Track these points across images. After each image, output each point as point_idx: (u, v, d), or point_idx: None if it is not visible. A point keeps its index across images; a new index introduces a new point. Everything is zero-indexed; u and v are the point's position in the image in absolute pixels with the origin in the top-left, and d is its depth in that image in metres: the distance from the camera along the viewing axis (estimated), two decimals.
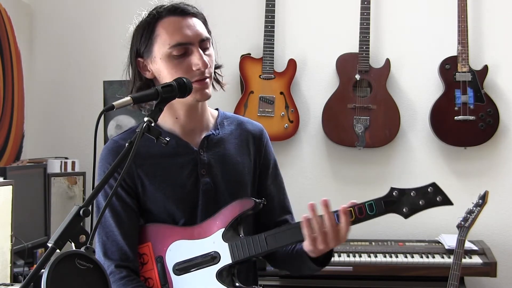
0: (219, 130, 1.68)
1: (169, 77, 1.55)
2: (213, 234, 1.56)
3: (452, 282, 2.76)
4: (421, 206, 1.50)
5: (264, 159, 1.73)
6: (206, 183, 1.61)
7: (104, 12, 3.73)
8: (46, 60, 3.79)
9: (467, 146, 3.48)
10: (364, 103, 3.47)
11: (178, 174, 1.60)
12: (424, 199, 1.50)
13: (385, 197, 1.50)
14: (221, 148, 1.65)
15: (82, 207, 1.17)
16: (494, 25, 3.55)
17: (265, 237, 1.52)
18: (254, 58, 3.55)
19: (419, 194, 1.50)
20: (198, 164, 1.61)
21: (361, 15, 3.47)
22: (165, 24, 1.56)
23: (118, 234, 1.57)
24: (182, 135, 1.63)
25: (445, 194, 1.51)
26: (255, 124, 1.76)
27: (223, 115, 1.74)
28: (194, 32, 1.55)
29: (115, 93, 3.67)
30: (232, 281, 1.55)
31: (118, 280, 1.54)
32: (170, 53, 1.54)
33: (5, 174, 2.81)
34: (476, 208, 2.77)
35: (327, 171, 3.62)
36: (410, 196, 1.50)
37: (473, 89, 3.42)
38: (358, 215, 1.48)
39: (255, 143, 1.71)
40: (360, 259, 3.16)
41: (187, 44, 1.54)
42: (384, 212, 1.49)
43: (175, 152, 1.61)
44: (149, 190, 1.59)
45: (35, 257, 3.05)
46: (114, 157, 1.56)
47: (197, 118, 1.64)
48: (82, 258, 1.11)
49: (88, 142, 3.66)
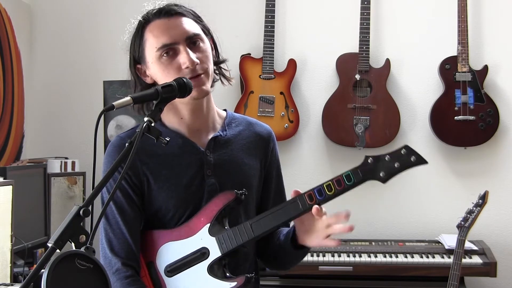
0: (226, 131, 1.67)
1: (163, 79, 1.55)
2: (199, 230, 1.56)
3: (452, 282, 2.76)
4: (397, 168, 1.51)
5: (270, 162, 1.73)
6: (212, 184, 1.60)
7: (104, 12, 3.73)
8: (46, 60, 3.79)
9: (467, 146, 3.48)
10: (364, 103, 3.47)
11: (184, 173, 1.60)
12: (398, 162, 1.52)
13: (361, 166, 1.52)
14: (228, 150, 1.65)
15: (82, 207, 1.16)
16: (494, 25, 3.55)
17: (250, 224, 1.53)
18: (254, 58, 3.55)
19: (394, 158, 1.52)
20: (204, 164, 1.61)
21: (361, 15, 3.47)
22: (151, 27, 1.57)
23: (125, 231, 1.57)
24: (188, 135, 1.63)
25: (418, 154, 1.52)
26: (263, 126, 1.76)
27: (231, 116, 1.73)
28: (179, 31, 1.55)
29: (115, 93, 3.67)
30: (223, 273, 1.55)
31: (124, 278, 1.53)
32: (159, 56, 1.55)
33: (5, 174, 2.81)
34: (476, 208, 2.77)
35: (327, 171, 3.61)
36: (385, 161, 1.52)
37: (473, 89, 3.42)
38: (337, 187, 1.50)
39: (263, 146, 1.71)
40: (360, 259, 3.16)
41: (173, 45, 1.54)
42: (362, 179, 1.51)
43: (182, 151, 1.61)
44: (154, 188, 1.59)
45: (35, 257, 3.05)
46: (120, 153, 1.57)
47: (203, 118, 1.64)
48: (82, 258, 1.11)
49: (88, 142, 3.66)
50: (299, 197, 1.52)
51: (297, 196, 1.52)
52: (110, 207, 1.57)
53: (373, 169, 1.51)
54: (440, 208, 3.48)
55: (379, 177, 1.51)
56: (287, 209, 1.53)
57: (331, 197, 1.51)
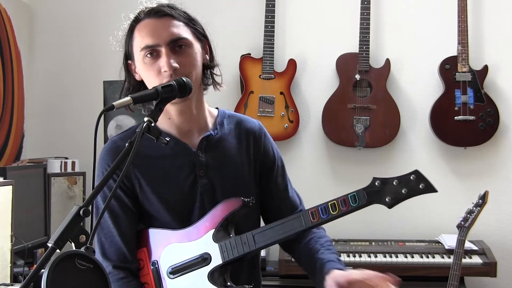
0: (217, 130, 1.66)
1: (146, 79, 1.56)
2: (204, 235, 1.55)
3: (452, 282, 2.76)
4: (404, 194, 1.47)
5: (265, 156, 1.71)
6: (204, 184, 1.60)
7: (104, 12, 3.73)
8: (46, 60, 3.79)
9: (467, 146, 3.48)
10: (364, 103, 3.47)
11: (176, 175, 1.60)
12: (406, 188, 1.47)
13: (368, 188, 1.49)
14: (220, 149, 1.64)
15: (82, 207, 1.16)
16: (494, 25, 3.55)
17: (253, 235, 1.52)
18: (254, 58, 3.55)
19: (402, 183, 1.48)
20: (196, 165, 1.60)
21: (361, 15, 3.47)
22: (140, 27, 1.57)
23: (116, 235, 1.57)
24: (179, 136, 1.62)
25: (428, 181, 1.46)
26: (252, 122, 1.75)
27: (223, 114, 1.72)
28: (164, 34, 1.53)
29: (115, 93, 3.66)
30: (224, 281, 1.55)
31: (115, 281, 1.54)
32: (143, 56, 1.54)
33: (5, 174, 2.81)
34: (476, 208, 2.77)
35: (327, 171, 3.62)
36: (393, 185, 1.48)
37: (473, 89, 3.42)
38: (342, 207, 1.48)
39: (254, 141, 1.70)
40: (360, 259, 3.16)
41: (155, 47, 1.52)
42: (367, 203, 1.48)
43: (173, 153, 1.60)
44: (146, 190, 1.59)
45: (35, 257, 3.05)
46: (113, 157, 1.57)
47: (192, 118, 1.63)
48: (82, 258, 1.11)
49: (88, 142, 3.65)
50: (303, 213, 1.51)
51: (301, 212, 1.51)
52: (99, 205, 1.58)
53: (380, 193, 1.48)
54: (440, 208, 3.48)
55: (384, 201, 1.48)
56: (290, 224, 1.52)
57: (335, 216, 1.49)
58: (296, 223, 1.51)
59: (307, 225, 1.50)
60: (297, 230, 1.51)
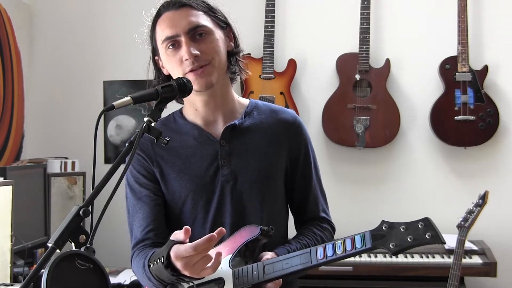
0: (244, 119, 1.65)
1: (171, 71, 1.58)
2: (224, 258, 1.51)
3: (452, 282, 2.76)
4: (409, 242, 1.38)
5: (296, 149, 1.69)
6: (226, 174, 1.59)
7: (104, 12, 3.73)
8: (46, 60, 3.79)
9: (467, 146, 3.48)
10: (364, 103, 3.47)
11: (198, 165, 1.60)
12: (413, 235, 1.38)
13: (374, 230, 1.41)
14: (247, 138, 1.63)
15: (82, 207, 1.16)
16: (494, 25, 3.55)
17: (264, 266, 1.48)
18: (254, 58, 3.55)
19: (409, 230, 1.39)
20: (219, 154, 1.60)
21: (361, 15, 3.47)
22: (160, 21, 1.59)
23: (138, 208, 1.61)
24: (204, 126, 1.64)
25: (436, 230, 1.37)
26: (287, 112, 1.73)
27: (254, 104, 1.71)
28: (182, 23, 1.54)
29: (115, 93, 3.67)
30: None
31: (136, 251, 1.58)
32: (165, 48, 1.56)
33: (5, 174, 2.81)
34: (476, 208, 2.77)
35: (327, 171, 3.61)
36: (400, 230, 1.39)
37: (473, 89, 3.42)
38: (348, 248, 1.41)
39: (288, 132, 1.69)
40: (360, 259, 3.16)
41: (175, 37, 1.54)
42: (372, 247, 1.41)
43: (197, 142, 1.62)
44: (168, 179, 1.61)
45: (35, 257, 3.05)
46: (140, 147, 1.61)
47: (218, 108, 1.63)
48: (82, 258, 1.12)
49: (88, 142, 3.65)
50: (312, 249, 1.45)
51: (310, 248, 1.46)
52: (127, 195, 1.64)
53: (385, 237, 1.40)
54: (440, 208, 3.47)
55: (388, 247, 1.39)
56: (299, 259, 1.46)
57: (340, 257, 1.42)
58: (303, 258, 1.46)
59: (313, 263, 1.45)
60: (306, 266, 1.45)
